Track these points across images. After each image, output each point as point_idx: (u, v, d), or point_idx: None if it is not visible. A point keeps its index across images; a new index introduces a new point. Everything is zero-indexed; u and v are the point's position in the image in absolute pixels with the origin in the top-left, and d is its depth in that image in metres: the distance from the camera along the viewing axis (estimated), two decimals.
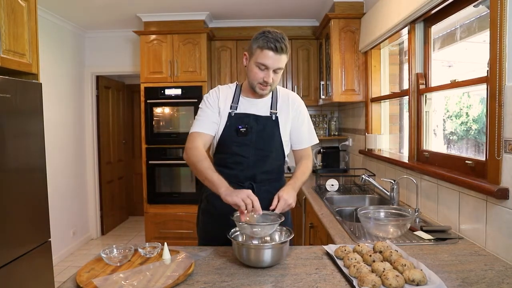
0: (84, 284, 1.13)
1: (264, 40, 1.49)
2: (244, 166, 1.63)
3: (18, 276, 2.06)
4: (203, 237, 1.76)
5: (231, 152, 1.63)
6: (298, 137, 1.72)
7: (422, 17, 2.16)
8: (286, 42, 1.51)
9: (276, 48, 1.48)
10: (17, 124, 2.10)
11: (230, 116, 1.63)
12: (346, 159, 3.97)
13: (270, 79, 1.54)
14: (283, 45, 1.49)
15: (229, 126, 1.62)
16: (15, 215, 2.06)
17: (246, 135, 1.61)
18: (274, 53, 1.49)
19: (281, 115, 1.67)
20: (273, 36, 1.49)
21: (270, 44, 1.48)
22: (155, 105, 3.89)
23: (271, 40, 1.48)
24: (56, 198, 3.72)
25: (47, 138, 2.48)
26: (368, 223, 1.62)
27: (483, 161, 1.58)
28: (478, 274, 1.23)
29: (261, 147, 1.63)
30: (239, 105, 1.65)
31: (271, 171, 1.67)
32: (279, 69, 1.55)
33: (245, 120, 1.62)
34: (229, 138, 1.63)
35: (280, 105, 1.68)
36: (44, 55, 3.21)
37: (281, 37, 1.50)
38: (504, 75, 1.36)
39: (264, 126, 1.63)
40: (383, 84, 3.17)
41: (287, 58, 1.55)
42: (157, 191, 3.92)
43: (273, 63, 1.51)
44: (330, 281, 1.18)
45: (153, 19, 4.00)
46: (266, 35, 1.50)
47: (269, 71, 1.52)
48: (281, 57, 1.51)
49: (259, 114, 1.64)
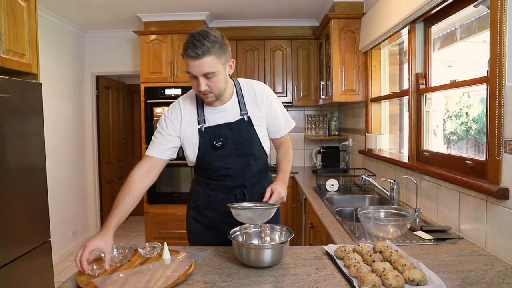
0: (84, 284, 1.13)
1: (184, 47, 1.33)
2: (231, 177, 1.57)
3: (18, 276, 2.06)
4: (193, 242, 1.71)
5: (214, 167, 1.55)
6: (275, 127, 1.63)
7: (422, 17, 2.15)
8: (205, 41, 1.30)
9: (191, 54, 1.30)
10: (17, 124, 2.10)
11: (201, 132, 1.51)
12: (346, 159, 3.97)
13: (203, 86, 1.37)
14: (200, 47, 1.30)
15: (204, 143, 1.51)
16: (15, 215, 2.06)
17: (224, 147, 1.52)
18: (193, 59, 1.31)
19: (253, 112, 1.55)
20: (191, 40, 1.32)
21: (187, 51, 1.31)
22: (155, 105, 3.89)
23: (189, 45, 1.31)
24: (56, 198, 3.72)
25: (47, 138, 2.48)
26: (368, 223, 1.62)
27: (483, 161, 1.58)
28: (478, 274, 1.23)
29: (242, 153, 1.55)
30: (206, 117, 1.53)
31: (258, 172, 1.63)
32: (209, 74, 1.35)
33: (217, 133, 1.51)
34: (207, 154, 1.53)
35: (249, 102, 1.55)
36: (44, 55, 3.21)
37: (199, 38, 1.31)
38: (504, 75, 1.36)
39: (239, 131, 1.53)
40: (383, 84, 3.17)
41: (216, 59, 1.35)
42: (157, 191, 3.92)
43: (195, 70, 1.34)
44: (330, 281, 1.18)
45: (153, 19, 4.00)
46: (187, 40, 1.33)
47: (198, 79, 1.36)
48: (203, 61, 1.32)
49: (230, 121, 1.53)
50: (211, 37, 1.33)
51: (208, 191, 1.63)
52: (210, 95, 1.42)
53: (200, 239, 1.66)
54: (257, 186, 1.63)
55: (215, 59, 1.34)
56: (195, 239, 1.70)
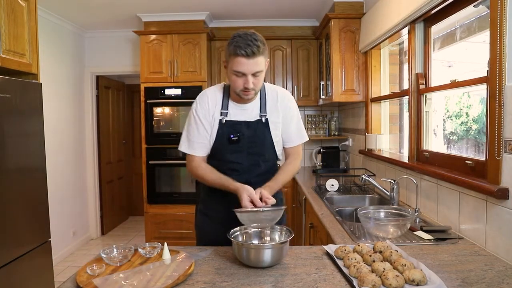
0: (84, 284, 1.13)
1: (235, 46, 1.42)
2: (239, 172, 1.62)
3: (18, 276, 2.06)
4: (200, 237, 1.76)
5: (225, 159, 1.62)
6: (286, 134, 1.68)
7: (422, 17, 2.15)
8: (259, 43, 1.42)
9: (247, 53, 1.40)
10: (17, 124, 2.10)
11: (221, 123, 1.60)
12: (346, 159, 3.97)
13: (250, 84, 1.47)
14: (255, 47, 1.41)
15: (221, 135, 1.60)
16: (15, 215, 2.06)
17: (238, 143, 1.59)
18: (247, 58, 1.42)
19: (271, 116, 1.63)
20: (244, 40, 1.41)
21: (241, 51, 1.41)
22: (155, 105, 3.89)
23: (241, 45, 1.41)
24: (56, 198, 3.72)
25: (47, 138, 2.48)
26: (368, 223, 1.62)
27: (483, 161, 1.58)
28: (478, 274, 1.23)
29: (253, 152, 1.62)
30: (229, 111, 1.61)
31: (265, 173, 1.67)
32: (258, 73, 1.47)
33: (236, 128, 1.59)
34: (221, 146, 1.61)
35: (270, 106, 1.64)
36: (44, 55, 3.21)
37: (252, 39, 1.42)
38: (504, 75, 1.36)
39: (255, 131, 1.60)
40: (383, 84, 3.17)
41: (265, 59, 1.48)
42: (157, 191, 3.92)
43: (248, 69, 1.44)
44: (330, 281, 1.18)
45: (153, 19, 4.00)
46: (237, 40, 1.43)
47: (247, 77, 1.46)
48: (256, 60, 1.43)
49: (249, 120, 1.61)
50: (259, 38, 1.45)
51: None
52: (252, 92, 1.51)
53: (206, 231, 1.71)
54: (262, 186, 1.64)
55: (263, 58, 1.47)
56: (202, 232, 1.74)
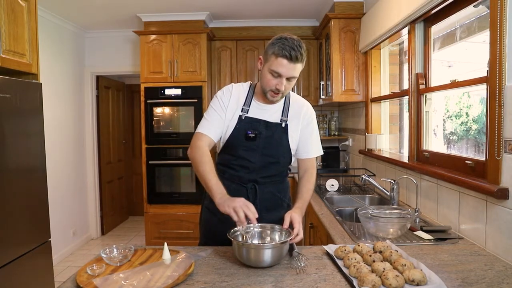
0: (84, 284, 1.13)
1: (280, 47, 1.44)
2: (249, 170, 1.63)
3: (18, 276, 2.06)
4: (205, 234, 1.76)
5: (238, 155, 1.62)
6: (306, 147, 1.70)
7: (422, 17, 2.15)
8: (302, 51, 1.46)
9: (291, 56, 1.43)
10: (17, 124, 2.10)
11: (241, 119, 1.61)
12: (346, 159, 3.97)
13: (283, 87, 1.50)
14: (299, 53, 1.44)
15: (238, 130, 1.60)
16: (15, 215, 2.06)
17: (254, 140, 1.60)
18: (289, 61, 1.44)
19: (291, 123, 1.64)
20: (290, 43, 1.44)
21: (285, 52, 1.43)
22: (155, 105, 3.89)
23: (286, 48, 1.43)
24: (56, 198, 3.72)
25: (47, 138, 2.48)
26: (368, 223, 1.62)
27: (483, 161, 1.58)
28: (478, 274, 1.23)
29: (267, 153, 1.62)
30: (251, 109, 1.62)
31: (275, 175, 1.68)
32: (293, 78, 1.50)
33: (254, 125, 1.60)
34: (237, 141, 1.61)
35: (292, 114, 1.65)
36: (44, 55, 3.21)
37: (297, 45, 1.44)
38: (504, 75, 1.36)
39: (273, 133, 1.61)
40: (383, 84, 3.17)
41: (302, 67, 1.50)
42: (157, 191, 3.92)
43: (287, 72, 1.47)
44: (330, 281, 1.18)
45: (153, 19, 4.00)
46: (283, 41, 1.45)
47: (282, 79, 1.48)
48: (296, 66, 1.47)
49: (269, 120, 1.62)
50: (303, 46, 1.48)
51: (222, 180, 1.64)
52: (280, 95, 1.54)
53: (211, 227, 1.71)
54: (269, 186, 1.66)
55: (301, 66, 1.50)
56: (207, 229, 1.74)
